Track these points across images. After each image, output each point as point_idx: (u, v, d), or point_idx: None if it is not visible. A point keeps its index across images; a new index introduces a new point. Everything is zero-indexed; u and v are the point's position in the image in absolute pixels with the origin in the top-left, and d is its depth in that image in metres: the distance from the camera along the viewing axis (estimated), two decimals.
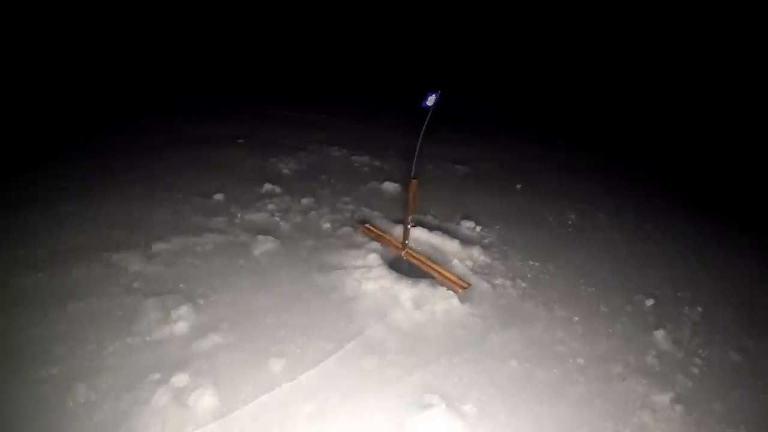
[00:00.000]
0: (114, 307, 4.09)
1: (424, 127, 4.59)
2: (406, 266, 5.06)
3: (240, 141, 7.61)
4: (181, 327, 3.92)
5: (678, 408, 3.67)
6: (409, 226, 5.05)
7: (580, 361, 4.09)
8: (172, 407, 3.24)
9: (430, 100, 4.56)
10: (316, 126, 8.72)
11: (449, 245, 5.43)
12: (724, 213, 6.97)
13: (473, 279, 4.95)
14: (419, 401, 3.48)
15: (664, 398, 3.74)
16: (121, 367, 3.55)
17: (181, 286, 4.42)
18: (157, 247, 4.87)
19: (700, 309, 4.81)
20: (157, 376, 3.46)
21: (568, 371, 3.98)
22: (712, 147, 9.65)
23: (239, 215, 5.62)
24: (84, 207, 5.54)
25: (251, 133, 7.97)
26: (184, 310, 4.06)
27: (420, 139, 4.62)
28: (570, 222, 6.35)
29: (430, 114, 4.57)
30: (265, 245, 5.10)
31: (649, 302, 4.82)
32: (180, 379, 3.43)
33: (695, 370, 4.07)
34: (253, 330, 4.02)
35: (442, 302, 4.52)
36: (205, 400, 3.28)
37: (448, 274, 4.97)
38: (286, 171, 6.91)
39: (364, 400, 3.48)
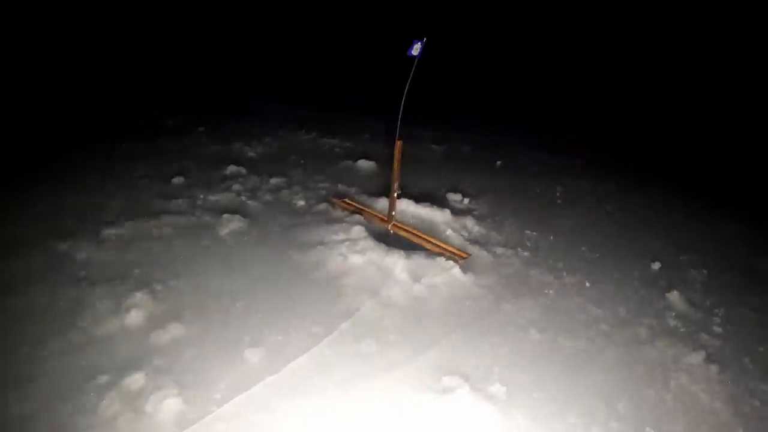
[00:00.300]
0: (56, 300, 3.32)
1: (410, 77, 4.10)
2: (395, 239, 4.51)
3: (200, 129, 6.85)
4: (134, 318, 3.17)
5: (712, 368, 3.35)
6: (396, 194, 4.51)
7: (603, 327, 3.66)
8: (125, 415, 2.52)
9: (416, 49, 4.07)
10: (283, 115, 8.06)
11: (439, 215, 4.91)
12: (708, 186, 6.88)
13: (471, 249, 4.44)
14: (437, 385, 2.92)
15: (696, 359, 3.41)
16: (62, 370, 2.79)
17: (135, 271, 3.66)
18: (108, 232, 4.10)
19: (705, 271, 4.55)
20: (105, 378, 2.72)
21: (593, 338, 3.53)
22: (691, 126, 9.75)
23: (201, 197, 4.88)
24: (29, 196, 4.73)
25: (213, 122, 7.23)
26: (138, 297, 3.32)
27: (405, 94, 4.11)
28: (558, 194, 5.98)
29: (416, 63, 4.10)
30: (231, 224, 4.40)
31: (656, 266, 4.52)
32: (134, 381, 2.70)
33: (717, 329, 3.81)
34: (222, 318, 3.32)
35: (443, 273, 3.98)
36: (166, 404, 2.58)
37: (444, 245, 4.44)
38: (252, 154, 6.20)
39: (368, 389, 2.87)
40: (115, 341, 2.99)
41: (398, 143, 4.33)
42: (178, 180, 5.17)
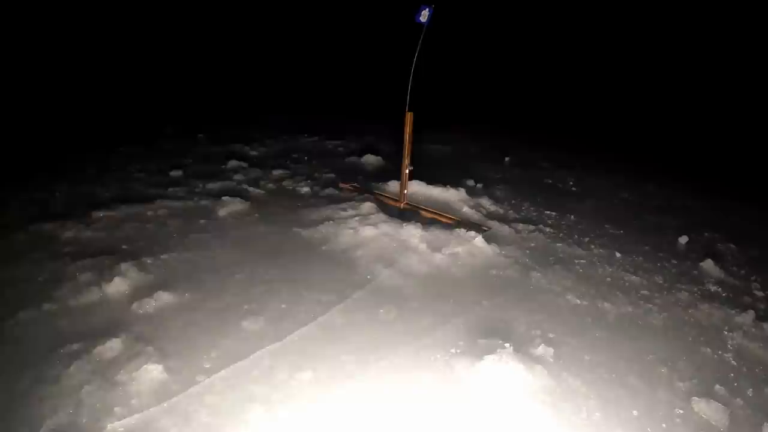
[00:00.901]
0: (34, 273, 2.98)
1: (419, 45, 3.90)
2: (409, 215, 4.17)
3: (200, 135, 6.62)
4: (117, 286, 2.80)
5: (765, 326, 3.00)
6: (407, 170, 4.20)
7: (644, 292, 3.27)
8: (92, 385, 2.11)
9: (424, 15, 3.87)
10: (285, 122, 7.85)
11: (454, 194, 4.58)
12: (716, 175, 6.63)
13: (492, 224, 4.09)
14: (474, 349, 2.52)
15: (747, 318, 3.06)
16: (27, 339, 2.41)
17: (123, 247, 3.31)
18: (98, 214, 3.77)
19: (732, 245, 4.23)
20: (75, 347, 2.33)
21: (636, 302, 3.14)
22: (693, 120, 9.61)
23: (200, 185, 4.56)
24: (21, 186, 4.46)
25: (212, 129, 7.03)
26: (123, 268, 2.94)
27: (415, 61, 3.91)
28: (572, 183, 5.69)
29: (425, 30, 3.91)
30: (231, 206, 4.06)
31: (683, 239, 4.20)
32: (107, 349, 2.31)
33: (759, 293, 3.47)
34: (218, 288, 2.94)
35: (465, 243, 3.61)
36: (143, 373, 2.17)
37: (461, 219, 4.11)
38: (253, 153, 5.94)
39: (391, 355, 2.46)
40: (92, 311, 2.62)
41: (409, 115, 4.07)
42: (176, 173, 4.88)
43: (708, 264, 3.78)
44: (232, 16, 14.76)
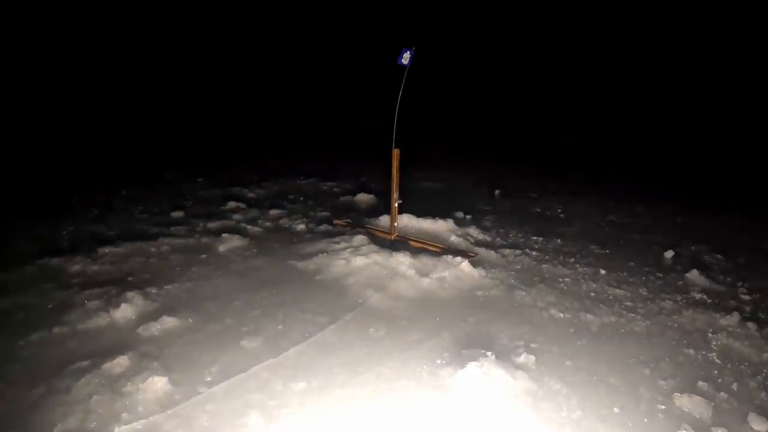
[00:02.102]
0: (44, 301, 3.18)
1: (402, 86, 4.26)
2: (398, 246, 4.36)
3: (199, 179, 6.94)
4: (124, 312, 2.97)
5: (750, 325, 3.15)
6: (396, 204, 4.44)
7: (627, 303, 3.42)
8: (101, 395, 2.26)
9: (405, 58, 4.25)
10: (281, 166, 8.22)
11: (442, 226, 4.79)
12: (704, 193, 6.89)
13: (478, 251, 4.28)
14: (457, 359, 2.66)
15: (732, 320, 3.20)
16: (38, 358, 2.59)
17: (129, 279, 3.51)
18: (104, 250, 3.98)
19: (719, 256, 4.41)
20: (84, 363, 2.49)
21: (619, 312, 3.29)
22: (677, 140, 10.00)
23: (201, 224, 4.78)
24: (28, 223, 4.75)
25: (211, 173, 7.36)
26: (129, 296, 3.13)
27: (399, 100, 4.25)
28: (559, 210, 5.92)
29: (406, 72, 4.27)
30: (231, 243, 4.27)
31: (669, 254, 4.38)
32: (116, 365, 2.46)
33: (745, 297, 3.64)
34: (218, 312, 3.12)
35: (451, 268, 3.79)
36: (149, 385, 2.33)
37: (449, 247, 4.30)
38: (251, 195, 6.22)
39: (380, 367, 2.61)
40: (101, 333, 2.79)
41: (395, 151, 4.37)
42: (177, 213, 5.13)
43: (693, 274, 3.95)
44: (224, 60, 15.58)
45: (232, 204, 5.57)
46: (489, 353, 2.62)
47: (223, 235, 4.39)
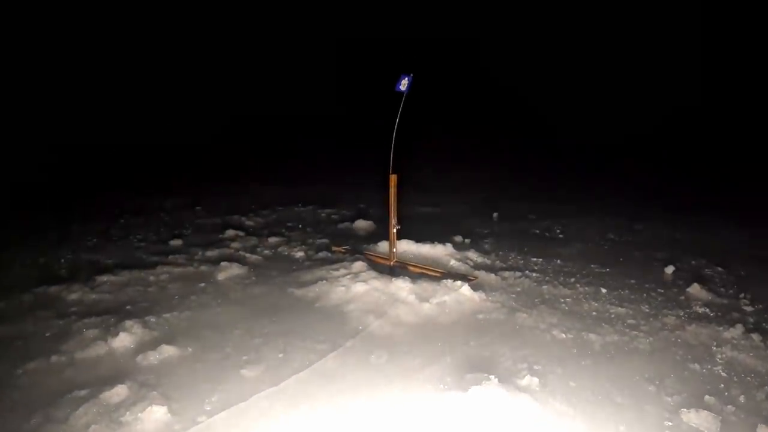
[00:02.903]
0: (41, 330, 3.17)
1: (399, 113, 4.33)
2: (398, 271, 4.35)
3: (198, 208, 6.98)
4: (123, 341, 2.95)
5: (755, 336, 3.15)
6: (394, 230, 4.46)
7: (630, 321, 3.41)
8: (100, 425, 2.23)
9: (404, 84, 4.32)
10: (279, 194, 8.25)
11: (442, 250, 4.79)
12: (702, 207, 6.99)
13: (478, 274, 4.28)
14: (460, 383, 2.64)
15: (735, 332, 3.21)
16: (36, 386, 2.57)
17: (127, 308, 3.49)
18: (102, 279, 3.98)
19: (719, 269, 4.45)
20: (82, 392, 2.46)
21: (622, 331, 3.27)
22: (671, 157, 10.15)
23: (199, 253, 4.78)
24: (26, 251, 4.76)
25: (210, 203, 7.39)
26: (128, 325, 3.11)
27: (396, 126, 4.32)
28: (558, 231, 5.95)
29: (404, 98, 4.35)
30: (229, 271, 4.26)
31: (670, 269, 4.39)
32: (114, 394, 2.43)
33: (748, 308, 3.66)
34: (218, 341, 3.09)
35: (452, 293, 3.77)
36: (148, 414, 2.29)
37: (448, 272, 4.29)
38: (250, 223, 6.23)
39: (382, 392, 2.58)
40: (99, 362, 2.76)
41: (393, 177, 4.42)
42: (175, 242, 5.13)
43: (694, 288, 3.97)
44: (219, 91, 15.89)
45: (230, 232, 5.57)
46: (492, 377, 2.59)
47: (222, 263, 4.38)
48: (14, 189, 7.91)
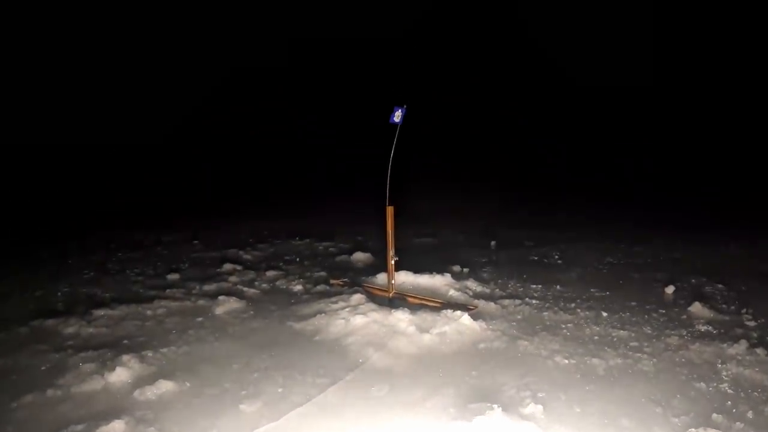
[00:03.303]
0: (37, 363, 3.15)
1: (394, 143, 4.40)
2: (397, 303, 4.32)
3: (195, 242, 6.98)
4: (120, 375, 2.92)
5: (759, 351, 3.16)
6: (392, 262, 4.45)
7: (633, 344, 3.40)
8: None
9: (397, 116, 4.41)
10: (276, 229, 8.27)
11: (440, 281, 4.78)
12: (701, 227, 7.06)
13: (478, 303, 4.25)
14: (464, 413, 2.60)
15: (740, 348, 3.21)
16: (31, 421, 2.54)
17: (124, 342, 3.46)
18: (99, 312, 3.96)
19: (720, 285, 4.49)
20: (78, 427, 2.42)
21: (625, 354, 3.26)
22: (666, 178, 10.30)
23: (197, 287, 4.75)
24: (23, 284, 4.78)
25: (207, 237, 7.40)
26: (125, 359, 3.08)
27: (392, 156, 4.38)
28: (556, 257, 5.96)
29: (398, 129, 4.42)
30: (227, 305, 4.22)
31: (670, 289, 4.42)
32: (111, 429, 2.39)
33: (751, 323, 3.69)
34: (216, 376, 3.04)
35: (452, 323, 3.74)
36: None
37: (447, 302, 4.26)
38: (247, 257, 6.21)
39: (385, 425, 2.54)
40: (95, 397, 2.73)
41: (389, 209, 4.45)
42: (173, 276, 5.10)
43: (696, 307, 3.99)
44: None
45: (228, 266, 5.55)
46: (495, 406, 2.55)
47: (220, 297, 4.34)
48: (10, 219, 7.95)
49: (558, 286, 4.73)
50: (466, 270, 5.39)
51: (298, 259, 6.18)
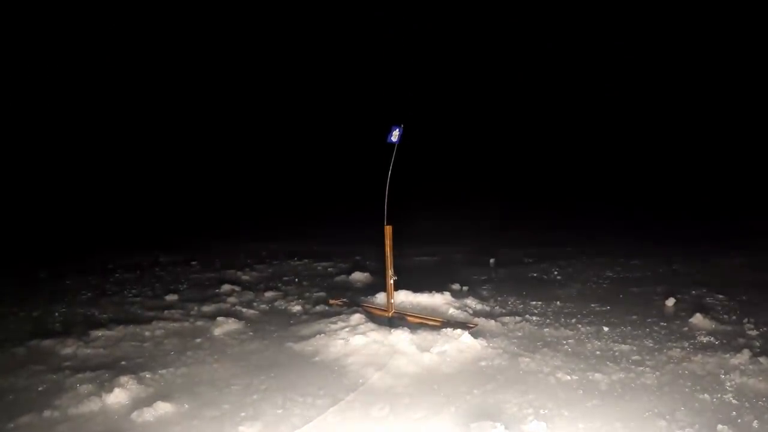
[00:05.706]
0: (34, 384, 3.14)
1: (391, 162, 4.44)
2: (397, 322, 4.29)
3: (193, 263, 6.96)
4: (117, 397, 2.89)
5: (762, 360, 3.16)
6: (391, 281, 4.44)
7: (635, 357, 3.39)
8: None
9: (395, 135, 4.45)
10: (274, 250, 8.26)
11: (439, 299, 4.75)
12: (698, 238, 7.13)
13: (478, 321, 4.23)
14: None
15: (743, 358, 3.22)
16: None
17: (122, 363, 3.44)
18: (96, 333, 3.94)
19: (721, 296, 4.52)
20: None
21: (628, 368, 3.25)
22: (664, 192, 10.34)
23: (195, 308, 4.72)
24: (20, 305, 4.78)
25: (205, 258, 7.37)
26: (123, 381, 3.05)
27: (389, 176, 4.41)
28: (556, 273, 5.96)
29: (395, 149, 4.47)
30: (226, 326, 4.19)
31: (671, 302, 4.44)
32: None
33: (753, 332, 3.72)
34: (215, 398, 3.01)
35: (452, 341, 3.72)
36: None
37: (447, 320, 4.24)
38: (246, 278, 6.19)
39: None
40: (93, 418, 2.70)
41: (388, 228, 4.46)
42: (171, 297, 5.08)
43: (697, 318, 4.00)
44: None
45: (226, 287, 5.53)
46: (498, 424, 2.53)
47: (218, 318, 4.32)
48: (8, 239, 7.97)
49: (558, 302, 4.73)
50: (465, 288, 5.38)
51: (296, 280, 6.17)
